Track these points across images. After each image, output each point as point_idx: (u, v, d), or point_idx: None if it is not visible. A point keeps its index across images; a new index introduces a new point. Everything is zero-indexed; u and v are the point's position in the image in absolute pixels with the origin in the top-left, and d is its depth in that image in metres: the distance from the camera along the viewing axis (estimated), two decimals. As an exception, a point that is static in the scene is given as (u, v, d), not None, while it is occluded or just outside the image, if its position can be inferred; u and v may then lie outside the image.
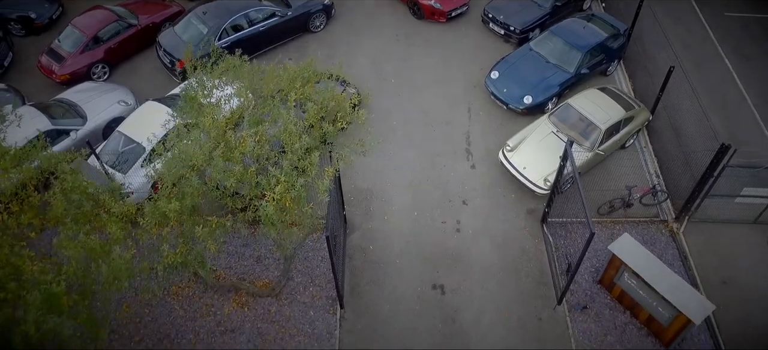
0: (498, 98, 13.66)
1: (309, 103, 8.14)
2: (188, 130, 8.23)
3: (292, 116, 7.85)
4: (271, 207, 7.46)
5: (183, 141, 7.87)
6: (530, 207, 11.99)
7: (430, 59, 15.23)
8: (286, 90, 8.32)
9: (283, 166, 7.76)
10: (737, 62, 15.01)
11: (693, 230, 11.42)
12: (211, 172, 8.01)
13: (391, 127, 13.59)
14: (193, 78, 8.75)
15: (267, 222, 7.76)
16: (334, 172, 8.01)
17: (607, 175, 12.31)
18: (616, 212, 11.60)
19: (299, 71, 8.60)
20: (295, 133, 7.68)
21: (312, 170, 7.93)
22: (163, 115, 11.07)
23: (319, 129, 8.31)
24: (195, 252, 8.10)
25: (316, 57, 11.75)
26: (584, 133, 11.85)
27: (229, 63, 8.79)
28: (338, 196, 10.64)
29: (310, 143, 7.93)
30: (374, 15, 16.61)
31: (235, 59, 8.76)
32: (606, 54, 13.97)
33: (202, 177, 8.19)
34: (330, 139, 8.52)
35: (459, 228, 11.74)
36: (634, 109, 12.54)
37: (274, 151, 8.28)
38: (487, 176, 12.60)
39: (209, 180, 8.04)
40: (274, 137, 8.12)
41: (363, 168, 12.70)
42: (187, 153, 7.62)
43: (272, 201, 7.51)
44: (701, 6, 16.76)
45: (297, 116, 8.13)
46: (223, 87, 8.78)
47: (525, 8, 15.29)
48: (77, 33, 14.51)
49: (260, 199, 7.92)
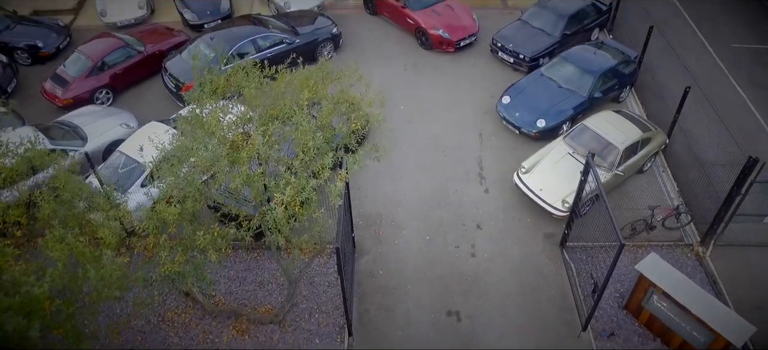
0: (510, 123, 13.36)
1: (323, 101, 7.76)
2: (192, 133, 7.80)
3: (305, 112, 7.44)
4: (279, 211, 6.94)
5: (185, 141, 7.42)
6: (548, 231, 11.44)
7: (439, 87, 15.05)
8: (298, 88, 7.96)
9: (294, 167, 7.30)
10: (750, 91, 14.83)
11: (720, 254, 10.83)
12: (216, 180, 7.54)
13: (401, 151, 13.22)
14: (199, 85, 8.39)
15: (274, 228, 7.22)
16: (346, 175, 7.52)
17: (626, 198, 11.84)
18: (639, 236, 11.05)
19: (313, 72, 8.26)
20: (309, 130, 7.25)
21: (324, 173, 7.46)
22: (166, 136, 10.72)
23: (331, 130, 7.90)
24: (195, 261, 7.51)
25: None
26: (602, 154, 11.45)
27: (238, 68, 8.47)
28: (348, 216, 10.14)
29: (322, 144, 7.49)
30: (382, 46, 16.58)
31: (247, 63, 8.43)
32: (618, 79, 13.77)
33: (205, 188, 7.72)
34: (344, 141, 8.09)
35: (474, 252, 11.16)
36: (650, 131, 12.22)
37: (285, 156, 7.83)
38: (501, 200, 12.12)
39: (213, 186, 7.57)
40: (284, 137, 7.68)
41: (373, 192, 12.26)
42: (189, 151, 7.17)
43: (281, 205, 6.99)
44: (708, 38, 16.76)
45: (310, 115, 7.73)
46: (228, 106, 8.35)
47: (534, 37, 15.24)
48: (83, 58, 14.41)
49: (267, 205, 7.41)
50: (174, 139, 8.07)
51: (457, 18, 16.20)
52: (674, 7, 18.23)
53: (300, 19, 16.00)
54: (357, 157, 7.57)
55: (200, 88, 8.45)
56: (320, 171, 7.52)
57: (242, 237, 7.63)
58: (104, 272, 6.51)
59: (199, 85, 8.55)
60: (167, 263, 7.22)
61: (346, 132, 8.02)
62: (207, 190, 7.74)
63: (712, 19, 17.58)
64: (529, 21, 15.73)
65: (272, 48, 14.75)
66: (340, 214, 8.28)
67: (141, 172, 11.09)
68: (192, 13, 16.76)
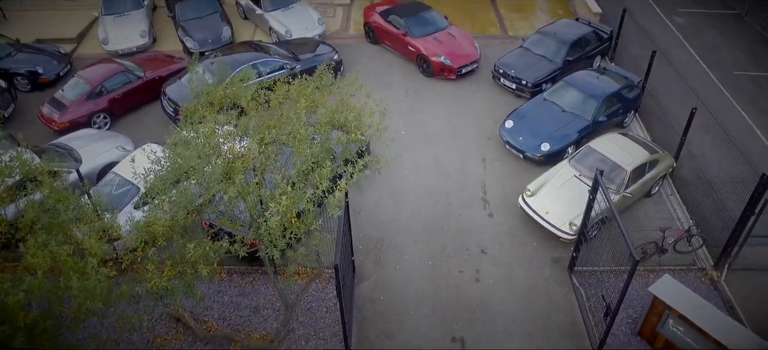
0: (513, 147, 13.12)
1: (320, 109, 7.52)
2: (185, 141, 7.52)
3: (302, 120, 7.18)
4: (274, 221, 6.59)
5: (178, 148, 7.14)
6: (555, 256, 11.02)
7: (441, 113, 14.89)
8: (295, 97, 7.73)
9: (291, 177, 6.99)
10: (755, 116, 14.64)
11: (735, 278, 10.38)
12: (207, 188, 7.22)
13: (402, 176, 12.94)
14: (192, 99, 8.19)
15: (267, 239, 6.85)
16: (346, 186, 7.20)
17: (635, 222, 11.46)
18: (650, 259, 10.62)
19: (310, 81, 8.05)
20: (306, 137, 6.97)
21: (322, 183, 7.14)
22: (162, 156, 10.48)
23: (328, 140, 7.63)
24: (185, 276, 7.10)
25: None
26: (609, 176, 11.15)
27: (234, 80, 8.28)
28: (347, 237, 9.76)
29: (320, 153, 7.20)
30: (383, 73, 16.52)
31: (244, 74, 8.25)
32: (622, 104, 13.61)
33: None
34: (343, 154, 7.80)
35: (478, 277, 10.71)
36: (657, 153, 11.96)
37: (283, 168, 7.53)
38: (506, 224, 11.74)
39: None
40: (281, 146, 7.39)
41: (374, 217, 11.92)
42: (183, 157, 6.88)
43: (276, 215, 6.65)
44: (710, 66, 16.71)
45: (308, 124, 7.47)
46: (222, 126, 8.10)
47: (536, 63, 15.17)
48: (82, 83, 14.32)
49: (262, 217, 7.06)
50: (166, 156, 7.77)
51: (459, 45, 16.20)
52: (675, 37, 18.28)
53: (301, 47, 16.00)
54: (356, 168, 7.25)
55: (196, 100, 8.24)
56: (318, 181, 7.20)
57: (236, 252, 7.23)
58: (88, 283, 6.11)
59: (195, 96, 8.36)
60: (154, 278, 6.81)
61: (346, 141, 7.72)
62: (203, 210, 7.40)
63: (712, 49, 17.59)
64: (530, 48, 15.70)
65: (273, 73, 14.66)
66: (339, 230, 7.93)
67: (135, 193, 10.80)
68: (193, 41, 16.79)
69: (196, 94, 8.28)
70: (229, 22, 17.71)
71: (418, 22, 16.63)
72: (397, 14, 16.97)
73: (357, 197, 12.36)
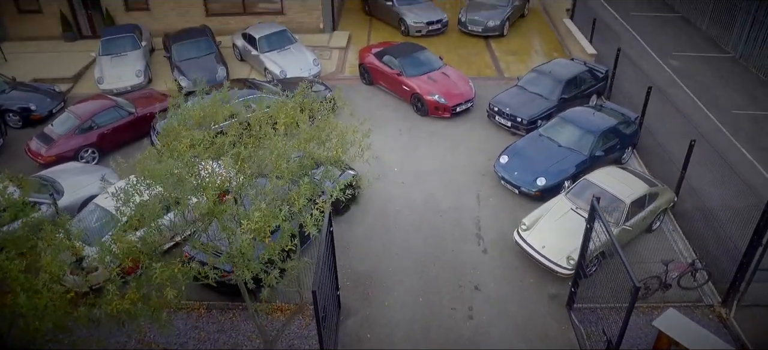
0: (509, 182, 12.75)
1: (301, 126, 7.21)
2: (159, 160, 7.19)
3: (280, 135, 6.87)
4: (245, 239, 6.16)
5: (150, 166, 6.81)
6: (552, 292, 10.43)
7: (435, 151, 14.62)
8: (275, 115, 7.46)
9: (266, 191, 6.61)
10: (756, 153, 14.32)
11: (745, 315, 9.73)
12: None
13: (393, 211, 12.53)
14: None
15: (240, 260, 6.40)
16: (324, 205, 6.80)
17: (636, 258, 10.90)
18: (653, 296, 10.02)
19: (292, 97, 7.81)
20: (283, 154, 6.64)
21: (299, 201, 6.75)
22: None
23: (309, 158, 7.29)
24: (150, 300, 6.61)
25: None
26: (608, 209, 10.71)
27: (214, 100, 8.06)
28: (331, 269, 9.27)
29: (298, 170, 6.85)
30: (377, 112, 16.39)
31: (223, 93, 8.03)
32: (619, 139, 13.33)
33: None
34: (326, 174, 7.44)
35: (471, 315, 10.10)
36: (657, 186, 11.56)
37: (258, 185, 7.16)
38: (501, 260, 11.22)
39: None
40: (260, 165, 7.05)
41: (363, 253, 11.43)
42: (153, 174, 6.53)
43: (248, 232, 6.22)
44: (708, 106, 16.54)
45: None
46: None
47: (531, 101, 15.02)
48: (72, 117, 14.21)
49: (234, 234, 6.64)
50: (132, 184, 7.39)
51: (453, 84, 16.13)
52: (671, 78, 18.23)
53: (294, 85, 15.92)
54: (338, 186, 6.87)
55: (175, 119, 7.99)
56: (295, 199, 6.81)
57: (205, 274, 6.76)
58: (39, 301, 5.63)
59: (173, 115, 8.12)
60: (115, 300, 6.31)
61: (326, 158, 7.38)
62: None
63: (709, 90, 17.49)
64: (525, 86, 15.61)
65: (266, 110, 14.49)
66: (319, 254, 7.46)
67: (114, 224, 10.39)
68: (188, 80, 16.79)
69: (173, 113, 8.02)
70: (224, 62, 17.80)
71: (412, 62, 16.65)
72: (391, 55, 17.02)
73: (346, 232, 11.92)
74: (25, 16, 21.07)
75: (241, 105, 13.95)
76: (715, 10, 21.02)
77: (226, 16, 21.06)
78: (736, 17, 19.63)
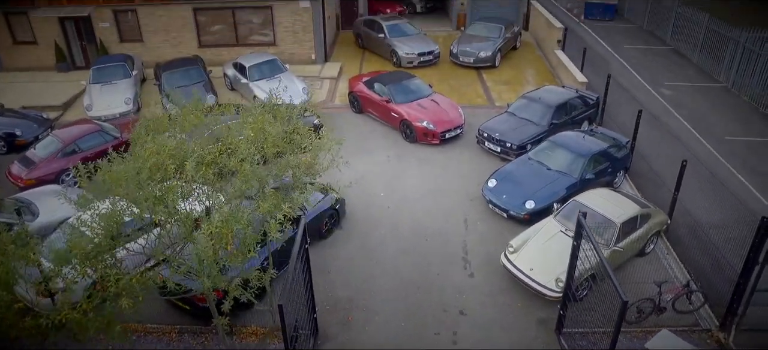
0: (497, 206, 12.40)
1: (267, 128, 6.95)
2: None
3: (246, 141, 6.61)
4: (204, 240, 5.81)
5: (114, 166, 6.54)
6: (541, 316, 9.93)
7: (423, 176, 14.33)
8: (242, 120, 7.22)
9: (228, 192, 6.29)
10: (752, 178, 13.99)
11: (746, 340, 9.19)
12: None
13: (377, 236, 12.14)
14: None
15: (198, 262, 6.03)
16: (288, 209, 6.46)
17: (629, 282, 10.43)
18: (647, 320, 9.50)
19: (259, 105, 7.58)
20: (247, 157, 6.35)
21: (263, 206, 6.42)
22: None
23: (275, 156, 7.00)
24: (104, 310, 6.20)
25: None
26: (598, 231, 10.31)
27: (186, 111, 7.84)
28: (307, 292, 8.84)
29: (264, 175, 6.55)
30: (366, 139, 16.20)
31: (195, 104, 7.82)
32: (610, 162, 13.04)
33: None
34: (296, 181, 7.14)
35: (455, 340, 9.58)
36: (649, 208, 11.20)
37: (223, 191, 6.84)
38: (488, 285, 10.75)
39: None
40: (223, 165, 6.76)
41: (344, 276, 10.99)
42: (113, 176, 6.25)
43: (207, 233, 5.88)
44: (701, 133, 16.31)
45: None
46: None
47: (521, 126, 14.83)
48: (56, 141, 14.04)
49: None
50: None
51: (443, 111, 15.99)
52: (664, 107, 18.09)
53: (283, 111, 15.82)
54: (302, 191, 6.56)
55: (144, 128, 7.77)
56: (259, 203, 6.49)
57: (164, 284, 6.37)
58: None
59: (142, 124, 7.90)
60: (66, 309, 5.92)
61: (294, 165, 7.09)
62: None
63: (702, 117, 17.32)
64: (515, 112, 15.45)
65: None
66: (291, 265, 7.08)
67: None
68: (177, 109, 16.67)
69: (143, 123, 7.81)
70: (214, 91, 17.76)
71: (401, 89, 16.57)
72: (381, 82, 16.97)
73: (328, 257, 11.51)
74: (20, 46, 21.27)
75: (223, 127, 14.00)
76: (706, 42, 21.10)
77: (218, 47, 21.22)
78: (725, 48, 19.66)
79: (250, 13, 20.93)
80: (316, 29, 20.94)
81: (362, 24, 23.38)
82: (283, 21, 20.88)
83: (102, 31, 21.01)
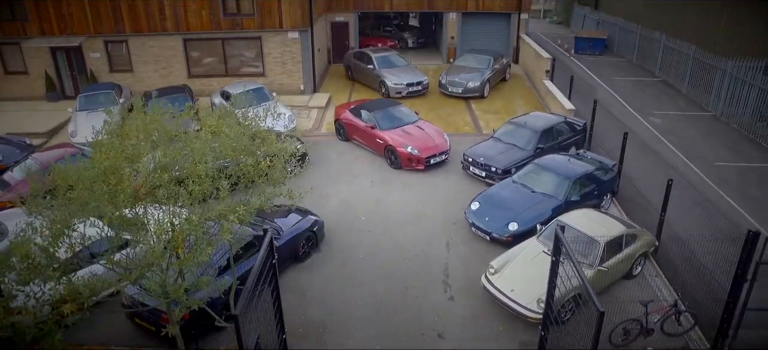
0: (480, 229, 12.05)
1: (224, 130, 6.72)
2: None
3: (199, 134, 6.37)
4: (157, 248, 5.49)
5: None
6: (523, 339, 9.44)
7: (406, 201, 14.02)
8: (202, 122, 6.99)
9: (181, 195, 6.00)
10: (744, 202, 13.65)
11: (739, 364, 8.69)
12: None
13: (356, 259, 11.74)
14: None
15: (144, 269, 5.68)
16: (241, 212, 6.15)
17: (616, 304, 9.96)
18: (634, 341, 9.01)
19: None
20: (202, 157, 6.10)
21: (217, 209, 6.12)
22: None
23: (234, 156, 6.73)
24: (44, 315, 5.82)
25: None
26: (583, 252, 9.96)
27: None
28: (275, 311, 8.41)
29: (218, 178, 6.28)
30: (350, 166, 15.99)
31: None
32: (596, 185, 12.75)
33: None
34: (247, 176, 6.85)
35: (433, 364, 9.07)
36: (635, 228, 10.84)
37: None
38: (469, 307, 10.29)
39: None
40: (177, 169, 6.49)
41: (320, 299, 10.55)
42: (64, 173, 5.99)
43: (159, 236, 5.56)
44: (692, 160, 16.08)
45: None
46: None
47: (506, 151, 14.62)
48: (34, 164, 13.82)
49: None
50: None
51: (428, 137, 15.82)
52: (653, 135, 17.92)
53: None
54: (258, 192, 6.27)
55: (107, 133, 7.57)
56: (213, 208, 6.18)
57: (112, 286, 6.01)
58: None
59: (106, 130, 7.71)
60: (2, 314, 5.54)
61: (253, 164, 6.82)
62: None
63: (692, 144, 17.14)
64: (501, 138, 15.28)
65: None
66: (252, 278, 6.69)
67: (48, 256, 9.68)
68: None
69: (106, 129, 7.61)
70: (199, 119, 17.63)
71: (386, 115, 16.47)
72: (366, 109, 16.89)
73: (304, 279, 11.09)
74: (11, 76, 21.38)
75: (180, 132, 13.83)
76: (694, 72, 21.16)
77: (208, 77, 21.29)
78: (713, 77, 19.67)
79: (240, 44, 21.09)
80: (305, 60, 21.05)
81: (352, 56, 23.55)
82: (272, 52, 21.02)
83: (93, 61, 21.13)
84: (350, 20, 26.35)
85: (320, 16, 23.62)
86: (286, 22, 20.44)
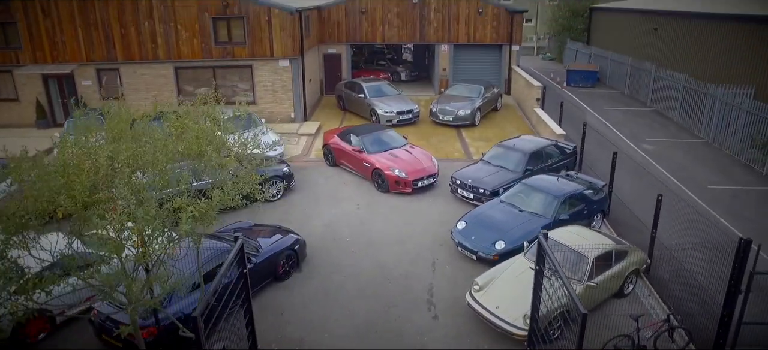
0: (466, 248, 11.67)
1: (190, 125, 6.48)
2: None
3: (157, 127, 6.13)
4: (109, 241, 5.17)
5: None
6: (509, 358, 8.95)
7: (392, 223, 13.68)
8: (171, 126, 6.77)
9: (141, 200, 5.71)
10: (737, 223, 13.31)
11: (737, 383, 8.17)
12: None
13: (338, 279, 11.32)
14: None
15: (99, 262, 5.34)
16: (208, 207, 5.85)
17: (605, 320, 9.51)
18: (626, 360, 8.53)
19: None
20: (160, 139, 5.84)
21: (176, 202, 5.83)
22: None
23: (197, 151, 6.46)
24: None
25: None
26: (571, 268, 9.58)
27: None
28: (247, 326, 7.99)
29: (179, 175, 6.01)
30: (337, 190, 15.72)
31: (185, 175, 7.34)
32: (586, 204, 12.45)
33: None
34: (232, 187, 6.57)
35: (413, 384, 8.56)
36: (625, 245, 10.48)
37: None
38: (453, 327, 9.82)
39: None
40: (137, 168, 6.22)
41: (297, 317, 10.10)
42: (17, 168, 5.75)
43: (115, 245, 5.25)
44: (684, 182, 15.83)
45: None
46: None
47: (495, 173, 14.39)
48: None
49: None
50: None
51: (415, 160, 15.61)
52: (646, 161, 17.72)
53: (252, 159, 15.42)
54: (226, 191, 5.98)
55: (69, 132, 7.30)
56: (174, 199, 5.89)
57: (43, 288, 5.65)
58: None
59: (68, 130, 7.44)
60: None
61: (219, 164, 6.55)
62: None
63: (684, 168, 16.95)
64: (490, 161, 15.08)
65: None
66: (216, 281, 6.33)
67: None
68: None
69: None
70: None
71: (374, 140, 16.31)
72: (354, 134, 16.74)
73: (283, 297, 10.66)
74: (2, 104, 21.33)
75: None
76: (684, 101, 21.15)
77: (198, 105, 21.21)
78: (704, 104, 19.64)
79: (231, 72, 21.14)
80: (296, 88, 21.06)
81: (343, 86, 23.61)
82: (263, 80, 21.05)
83: (84, 89, 21.13)
84: (343, 52, 26.57)
85: (312, 47, 23.81)
86: (276, 51, 20.54)
